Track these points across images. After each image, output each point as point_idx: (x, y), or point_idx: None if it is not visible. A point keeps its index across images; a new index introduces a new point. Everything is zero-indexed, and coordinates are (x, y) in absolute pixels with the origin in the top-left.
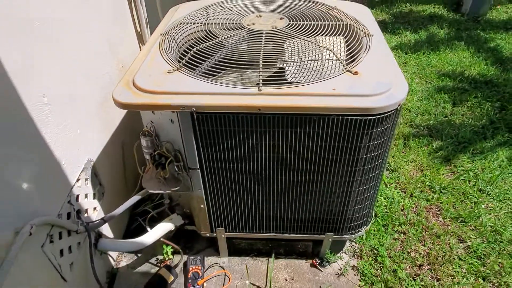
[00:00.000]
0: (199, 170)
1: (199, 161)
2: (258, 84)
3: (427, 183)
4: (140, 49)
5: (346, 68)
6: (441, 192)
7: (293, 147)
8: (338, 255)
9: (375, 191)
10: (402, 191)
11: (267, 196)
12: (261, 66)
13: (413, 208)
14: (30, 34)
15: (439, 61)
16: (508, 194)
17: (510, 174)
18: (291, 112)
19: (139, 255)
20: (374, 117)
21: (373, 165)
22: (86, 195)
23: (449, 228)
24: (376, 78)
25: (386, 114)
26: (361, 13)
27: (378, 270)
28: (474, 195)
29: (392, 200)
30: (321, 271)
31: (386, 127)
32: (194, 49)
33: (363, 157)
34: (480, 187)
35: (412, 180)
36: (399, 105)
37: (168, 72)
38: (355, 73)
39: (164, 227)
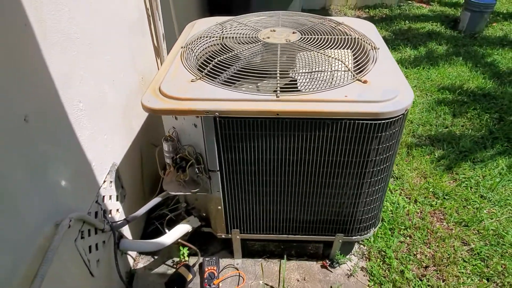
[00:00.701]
0: (219, 172)
1: (219, 164)
2: (275, 91)
3: (430, 190)
4: (157, 62)
5: (356, 77)
6: (444, 198)
7: (308, 150)
8: (348, 256)
9: (383, 193)
10: (406, 197)
11: (282, 197)
12: (278, 75)
13: (418, 213)
14: (72, 45)
15: (439, 75)
16: (508, 200)
17: (510, 181)
18: (306, 117)
19: (156, 257)
20: (383, 121)
21: (381, 167)
22: (110, 197)
23: (453, 231)
24: (384, 86)
25: (394, 119)
26: (367, 28)
27: (386, 271)
28: (476, 201)
29: (398, 206)
30: (332, 272)
31: (394, 131)
32: (216, 60)
33: (372, 159)
34: (482, 193)
35: (416, 187)
36: (405, 110)
37: (191, 81)
38: (364, 82)
39: (182, 229)
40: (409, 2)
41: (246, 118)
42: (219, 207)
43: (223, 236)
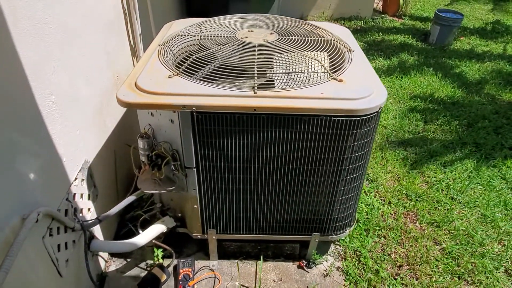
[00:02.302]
0: (195, 169)
1: (196, 160)
2: (253, 87)
3: (403, 192)
4: (133, 62)
5: (332, 76)
6: (417, 200)
7: (285, 146)
8: (324, 257)
9: (358, 192)
10: (381, 199)
11: (259, 196)
12: (256, 74)
13: (392, 214)
14: (45, 35)
15: (411, 84)
16: (477, 201)
17: (478, 184)
18: (284, 113)
19: (129, 259)
20: (358, 118)
21: (357, 165)
22: (81, 195)
23: (425, 232)
24: (359, 85)
25: (369, 116)
26: (343, 33)
27: (362, 270)
28: (447, 202)
29: (372, 207)
30: (308, 272)
31: (368, 128)
32: (193, 57)
33: (348, 156)
34: (452, 195)
35: (390, 189)
36: (379, 108)
37: (168, 77)
38: (340, 81)
39: (156, 229)
40: (382, 15)
41: (223, 113)
42: (195, 206)
43: (199, 236)
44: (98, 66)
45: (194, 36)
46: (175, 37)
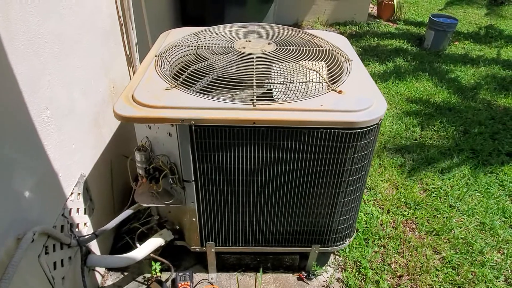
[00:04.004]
0: (194, 183)
1: (194, 174)
2: (252, 100)
3: (402, 200)
4: (129, 72)
5: (331, 87)
6: (416, 208)
7: (284, 159)
8: (324, 268)
9: (358, 203)
10: (380, 208)
11: (259, 208)
12: (254, 85)
13: (391, 223)
14: (41, 49)
15: (407, 89)
16: (475, 209)
17: (476, 191)
18: (283, 126)
19: (126, 273)
20: (358, 130)
21: (357, 176)
22: (78, 210)
23: (425, 240)
24: (359, 96)
25: (369, 128)
26: (340, 42)
27: (362, 282)
28: (445, 210)
29: (371, 216)
30: (308, 283)
31: (368, 140)
32: (191, 69)
33: (348, 168)
34: (450, 203)
35: (388, 197)
36: (380, 120)
37: (166, 89)
38: (339, 92)
39: (154, 242)
40: (377, 20)
41: (222, 126)
42: (194, 219)
43: (198, 249)
44: (94, 77)
45: (191, 46)
46: (172, 48)
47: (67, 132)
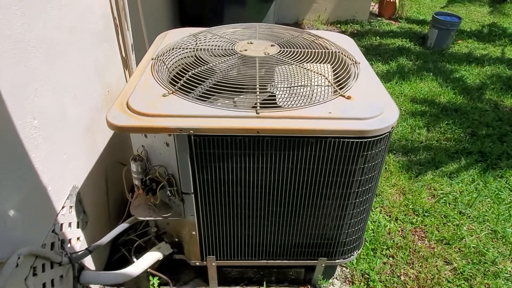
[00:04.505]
0: (193, 195)
1: (194, 186)
2: (255, 107)
3: (410, 207)
4: (125, 74)
5: (339, 93)
6: (424, 215)
7: (290, 169)
8: (330, 281)
9: (367, 214)
10: (387, 215)
11: (262, 220)
12: (258, 90)
13: (399, 231)
14: (26, 54)
15: (411, 90)
16: (486, 216)
17: (486, 197)
18: (289, 135)
19: None
20: (369, 139)
21: (366, 187)
22: (70, 224)
23: (435, 250)
24: (369, 102)
25: (380, 137)
26: (346, 43)
27: None
28: (455, 217)
29: (379, 224)
30: None
31: (379, 149)
32: (190, 73)
33: (357, 179)
34: (460, 209)
35: (396, 204)
36: (391, 128)
37: (163, 96)
38: (348, 98)
39: (152, 257)
40: (379, 19)
41: (223, 136)
42: (193, 233)
43: (198, 263)
44: (87, 81)
45: (190, 49)
46: (169, 50)
47: (58, 142)
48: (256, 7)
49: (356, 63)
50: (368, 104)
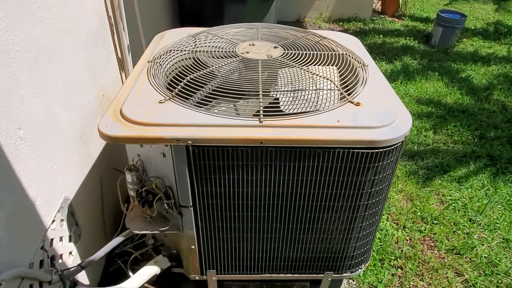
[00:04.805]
0: (192, 208)
1: (193, 198)
2: (258, 115)
3: (418, 214)
4: (121, 77)
5: (347, 99)
6: (433, 222)
7: (295, 181)
8: None
9: (376, 226)
10: (394, 223)
11: (265, 234)
12: (261, 95)
13: (407, 240)
14: (10, 59)
15: (416, 90)
16: (498, 223)
17: (497, 203)
18: (295, 145)
19: None
20: (380, 150)
21: (376, 199)
22: (61, 238)
23: (446, 260)
24: (379, 109)
25: (393, 147)
26: (353, 44)
27: None
28: (465, 225)
29: (386, 233)
30: None
31: (391, 160)
32: (188, 78)
33: (367, 191)
34: (470, 216)
35: (403, 211)
36: (405, 137)
37: (159, 102)
38: (357, 104)
39: (148, 271)
40: (382, 16)
41: (224, 147)
42: (192, 247)
43: (197, 277)
44: (80, 86)
45: (188, 51)
46: (167, 52)
47: (46, 153)
48: (258, 4)
49: (364, 66)
50: (379, 111)
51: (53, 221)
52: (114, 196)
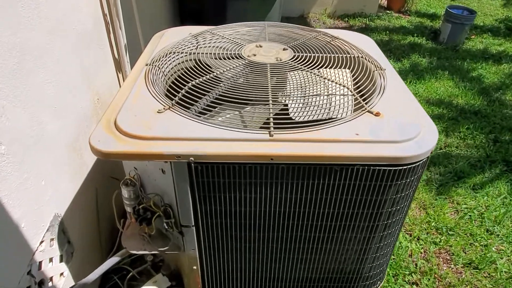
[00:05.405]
0: (194, 228)
1: (195, 217)
2: (268, 127)
3: (432, 224)
4: (118, 78)
5: (366, 109)
6: (449, 233)
7: (308, 200)
8: None
9: (393, 245)
10: (407, 234)
11: (274, 255)
12: (271, 104)
13: (422, 253)
14: None
15: (426, 90)
16: None
17: None
18: (308, 162)
19: None
20: (404, 167)
21: (395, 219)
22: (51, 259)
23: (463, 276)
24: (401, 120)
25: (417, 164)
26: (366, 44)
27: None
28: (482, 236)
29: (400, 245)
30: None
31: (414, 177)
32: (189, 84)
33: (387, 210)
34: (487, 227)
35: (416, 221)
36: (430, 153)
37: (158, 112)
38: (377, 114)
39: None
40: (388, 12)
41: (230, 163)
42: (194, 267)
43: None
44: (72, 90)
45: (190, 53)
46: (165, 55)
47: (33, 168)
48: (261, 0)
49: (381, 70)
50: (401, 123)
51: (42, 242)
52: (111, 207)
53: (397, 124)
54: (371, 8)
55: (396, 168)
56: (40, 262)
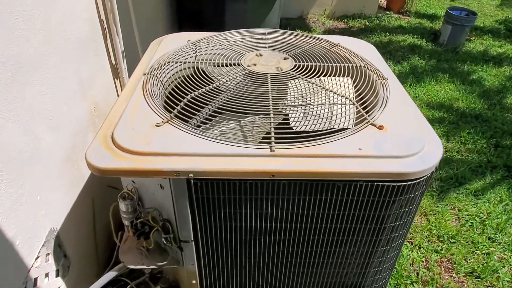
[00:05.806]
0: (193, 243)
1: (194, 233)
2: (269, 141)
3: (434, 232)
4: (116, 85)
5: (369, 121)
6: (450, 241)
7: (310, 216)
8: None
9: (396, 259)
10: (408, 241)
11: (274, 271)
12: (271, 115)
13: (423, 262)
14: None
15: (426, 93)
16: None
17: None
18: (310, 178)
19: None
20: (408, 182)
21: (398, 233)
22: (46, 275)
23: (465, 285)
24: (405, 134)
25: (421, 179)
26: (367, 51)
27: None
28: (484, 244)
29: (401, 254)
30: None
31: (418, 192)
32: (188, 97)
33: (390, 225)
34: (489, 234)
35: (417, 228)
36: (435, 168)
37: (156, 125)
38: (380, 127)
39: None
40: (387, 13)
41: (231, 180)
42: (194, 282)
43: None
44: (67, 100)
45: (189, 63)
46: (164, 64)
47: (27, 184)
48: (261, 1)
49: (384, 79)
50: (404, 136)
51: (37, 257)
52: (108, 218)
53: (401, 138)
54: (371, 8)
55: (400, 184)
56: (36, 279)
